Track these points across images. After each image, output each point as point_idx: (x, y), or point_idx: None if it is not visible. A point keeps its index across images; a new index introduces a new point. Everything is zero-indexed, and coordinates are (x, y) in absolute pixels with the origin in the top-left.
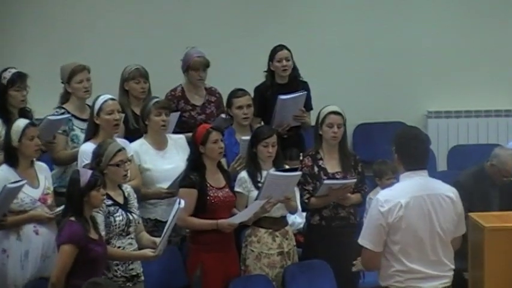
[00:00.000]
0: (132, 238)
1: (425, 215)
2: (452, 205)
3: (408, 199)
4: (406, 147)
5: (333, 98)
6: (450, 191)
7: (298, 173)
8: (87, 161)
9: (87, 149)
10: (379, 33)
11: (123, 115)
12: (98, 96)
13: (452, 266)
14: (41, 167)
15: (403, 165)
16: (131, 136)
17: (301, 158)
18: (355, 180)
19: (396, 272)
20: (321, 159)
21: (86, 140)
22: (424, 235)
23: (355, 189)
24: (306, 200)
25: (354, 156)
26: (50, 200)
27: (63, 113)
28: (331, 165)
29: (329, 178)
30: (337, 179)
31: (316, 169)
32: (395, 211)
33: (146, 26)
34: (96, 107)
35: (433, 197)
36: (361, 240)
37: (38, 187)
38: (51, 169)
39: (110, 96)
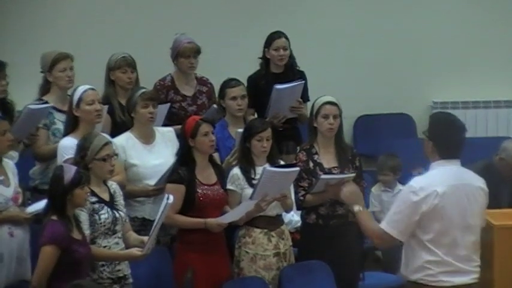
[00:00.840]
0: (119, 237)
1: (460, 206)
2: (484, 197)
3: (445, 188)
4: (444, 134)
5: (331, 88)
6: (482, 183)
7: (296, 168)
8: (67, 156)
9: (67, 143)
10: (382, 19)
11: (105, 107)
12: (77, 87)
13: (479, 262)
14: (8, 165)
15: (438, 152)
16: (118, 129)
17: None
18: (353, 174)
19: (427, 263)
20: (316, 153)
21: (66, 133)
22: (457, 227)
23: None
24: (302, 198)
25: (351, 150)
26: (20, 199)
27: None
28: (327, 159)
29: (325, 174)
30: (334, 174)
31: (311, 164)
32: (431, 199)
33: (133, 12)
34: (75, 98)
35: (467, 188)
36: (386, 227)
37: (9, 186)
38: (33, 165)
39: (89, 87)
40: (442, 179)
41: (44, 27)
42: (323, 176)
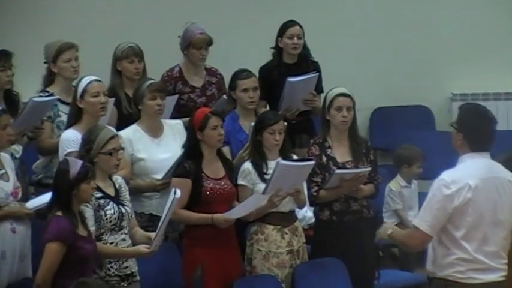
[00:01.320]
0: (125, 233)
1: (491, 200)
2: None
3: (477, 181)
4: (475, 126)
5: (346, 79)
6: (511, 176)
7: (311, 162)
8: (69, 149)
9: (69, 136)
10: (398, 7)
11: (111, 99)
12: (82, 78)
13: (506, 259)
14: (6, 159)
15: (468, 145)
16: (125, 122)
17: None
18: (369, 169)
19: (458, 260)
20: (329, 147)
21: (68, 126)
22: (488, 222)
23: (367, 179)
24: (315, 193)
25: (365, 143)
26: (19, 194)
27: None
28: (341, 153)
29: (339, 168)
30: (349, 168)
31: (324, 158)
32: (463, 193)
33: (141, 0)
34: (80, 89)
35: (497, 181)
36: (418, 222)
37: (8, 180)
38: (37, 158)
39: (94, 78)
40: (473, 172)
41: (48, 16)
42: (338, 171)
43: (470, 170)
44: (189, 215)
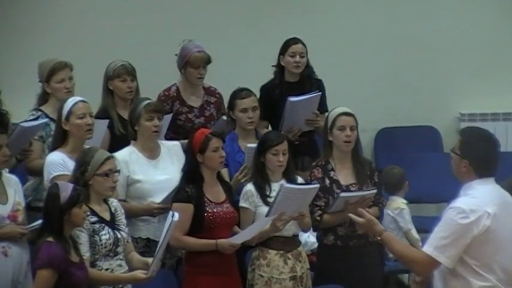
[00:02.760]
0: (121, 259)
1: (508, 226)
2: None
3: (495, 207)
4: (481, 152)
5: (350, 99)
6: None
7: (317, 185)
8: (56, 173)
9: (54, 159)
10: (404, 24)
11: (105, 121)
12: (67, 99)
13: None
14: (10, 180)
15: (475, 171)
16: (118, 143)
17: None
18: (375, 191)
19: None
20: (332, 169)
21: (53, 148)
22: (508, 249)
23: (371, 202)
24: (318, 218)
25: (369, 165)
26: (20, 218)
27: (38, 117)
28: (344, 176)
29: (343, 191)
30: (353, 191)
31: (327, 181)
32: (483, 221)
33: (134, 17)
34: (65, 110)
35: (509, 206)
36: (432, 252)
37: (6, 203)
38: (26, 180)
39: (80, 98)
40: (489, 199)
41: (40, 34)
42: (342, 194)
43: (486, 196)
44: (191, 241)
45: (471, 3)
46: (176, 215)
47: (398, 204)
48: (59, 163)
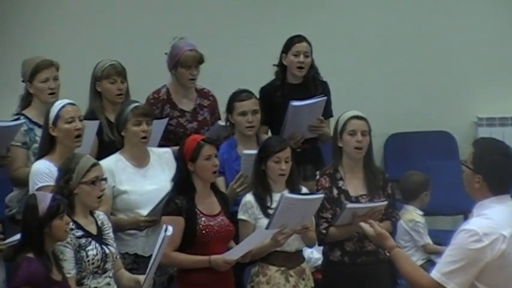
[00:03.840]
0: (109, 277)
1: None
2: None
3: (510, 230)
4: (496, 166)
5: (358, 102)
6: None
7: (321, 195)
8: (42, 183)
9: (40, 168)
10: (417, 24)
11: (95, 122)
12: (54, 102)
13: None
14: None
15: (489, 188)
16: (106, 150)
17: (317, 177)
18: (385, 203)
19: None
20: (341, 178)
21: (39, 156)
22: None
23: (383, 215)
24: (324, 231)
25: (382, 175)
26: None
27: (17, 119)
28: (354, 186)
29: (352, 202)
30: (362, 202)
31: (335, 191)
32: (498, 245)
33: (124, 14)
34: (52, 114)
35: None
36: (440, 278)
37: None
38: (10, 190)
39: (68, 101)
40: (505, 220)
41: (24, 31)
42: (349, 205)
43: (501, 217)
44: (182, 257)
45: (490, 2)
46: (170, 228)
47: (412, 215)
48: (45, 173)
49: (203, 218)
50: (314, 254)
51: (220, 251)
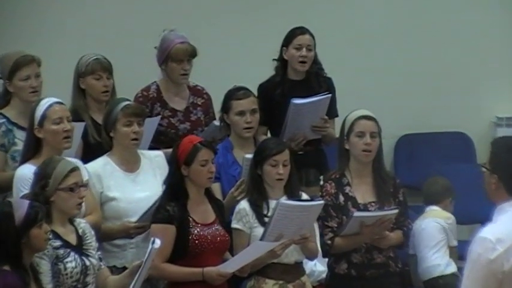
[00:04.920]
0: None
1: None
2: None
3: None
4: None
5: (365, 101)
6: None
7: (320, 202)
8: (26, 190)
9: (25, 173)
10: (431, 15)
11: (81, 124)
12: (40, 100)
13: None
14: None
15: (506, 189)
16: (92, 153)
17: (321, 182)
18: (396, 210)
19: None
20: (348, 184)
21: (24, 160)
22: None
23: (394, 224)
24: (329, 241)
25: (393, 180)
26: None
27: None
28: (362, 192)
29: (360, 211)
30: (371, 211)
31: (341, 198)
32: None
33: (109, 3)
34: (38, 114)
35: None
36: None
37: None
38: None
39: (55, 100)
40: None
41: (2, 24)
42: (357, 214)
43: None
44: (173, 269)
45: None
46: (158, 241)
47: (446, 213)
48: (30, 178)
49: (196, 227)
50: (318, 267)
51: (214, 263)
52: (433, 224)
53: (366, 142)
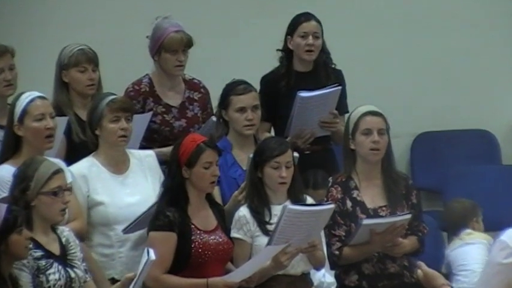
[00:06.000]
0: None
1: None
2: None
3: None
4: None
5: (378, 96)
6: None
7: (331, 206)
8: (5, 193)
9: (3, 174)
10: (454, 5)
11: (64, 118)
12: (20, 95)
13: None
14: None
15: None
16: (76, 153)
17: (330, 184)
18: (409, 216)
19: None
20: (356, 188)
21: (2, 160)
22: None
23: (408, 230)
24: (337, 252)
25: (405, 181)
26: None
27: None
28: (372, 196)
29: (369, 216)
30: (382, 217)
31: (349, 204)
32: None
33: None
34: (18, 110)
35: None
36: None
37: None
38: None
39: (38, 94)
40: None
41: None
42: (366, 221)
43: None
44: (175, 281)
45: None
46: (152, 253)
47: (485, 235)
48: (8, 180)
49: (198, 234)
50: (327, 278)
51: (218, 273)
52: (483, 247)
53: (373, 140)
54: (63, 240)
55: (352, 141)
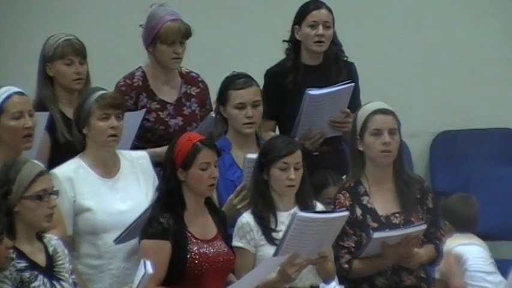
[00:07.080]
0: None
1: None
2: None
3: None
4: None
5: (394, 92)
6: None
7: (344, 213)
8: None
9: None
10: None
11: (44, 114)
12: None
13: None
14: None
15: None
16: (61, 154)
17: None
18: (424, 226)
19: None
20: (366, 193)
21: None
22: None
23: (424, 237)
24: (346, 265)
25: (419, 184)
26: None
27: None
28: (383, 202)
29: (381, 226)
30: (395, 226)
31: (359, 212)
32: None
33: None
34: None
35: None
36: None
37: None
38: None
39: (15, 90)
40: None
41: None
42: (377, 235)
43: None
44: None
45: None
46: (149, 265)
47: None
48: None
49: (196, 244)
50: None
51: (217, 287)
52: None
53: (384, 141)
54: (50, 250)
55: (361, 142)
